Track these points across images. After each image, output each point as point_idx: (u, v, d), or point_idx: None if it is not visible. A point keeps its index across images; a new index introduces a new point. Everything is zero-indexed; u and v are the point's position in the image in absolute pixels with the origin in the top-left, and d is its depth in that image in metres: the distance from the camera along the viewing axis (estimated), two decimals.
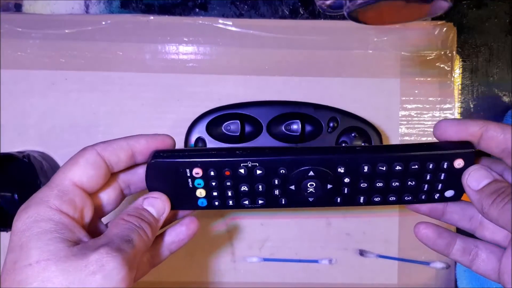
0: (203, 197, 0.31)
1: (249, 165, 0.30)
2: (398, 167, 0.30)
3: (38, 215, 0.26)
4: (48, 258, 0.24)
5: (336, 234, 0.47)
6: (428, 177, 0.30)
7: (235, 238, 0.47)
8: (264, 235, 0.47)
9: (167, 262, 0.34)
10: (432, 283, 0.47)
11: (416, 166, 0.30)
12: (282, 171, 0.30)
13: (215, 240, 0.47)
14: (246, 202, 0.31)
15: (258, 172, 0.30)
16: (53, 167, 0.43)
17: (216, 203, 0.31)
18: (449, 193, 0.31)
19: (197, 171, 0.30)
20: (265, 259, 0.47)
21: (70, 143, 0.45)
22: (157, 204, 0.30)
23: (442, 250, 0.32)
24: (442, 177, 0.30)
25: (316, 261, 0.47)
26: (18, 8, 0.46)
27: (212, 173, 0.30)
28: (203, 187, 0.30)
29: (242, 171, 0.30)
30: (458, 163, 0.29)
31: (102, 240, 0.26)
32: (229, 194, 0.31)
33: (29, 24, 0.45)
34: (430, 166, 0.30)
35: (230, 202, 0.31)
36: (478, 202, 0.29)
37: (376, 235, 0.47)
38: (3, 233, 0.45)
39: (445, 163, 0.29)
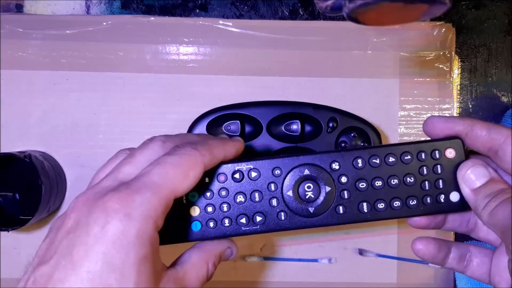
0: (197, 217, 0.31)
1: (244, 169, 0.30)
2: (391, 159, 0.30)
3: (143, 232, 0.23)
4: None
5: (336, 233, 0.47)
6: (425, 171, 0.30)
7: (235, 237, 0.47)
8: (264, 234, 0.47)
9: (167, 262, 0.34)
10: (431, 282, 0.47)
11: (409, 157, 0.30)
12: (277, 171, 0.31)
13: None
14: (243, 220, 0.31)
15: (254, 174, 0.30)
16: (54, 167, 0.43)
17: (211, 224, 0.31)
18: (454, 197, 0.31)
19: None
20: (265, 258, 0.47)
21: (71, 143, 0.46)
22: None
23: (439, 262, 0.31)
24: (439, 171, 0.30)
25: (315, 260, 0.47)
26: (19, 8, 0.46)
27: (206, 180, 0.30)
28: (197, 202, 0.30)
29: (237, 176, 0.30)
30: (449, 151, 0.30)
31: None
32: (225, 208, 0.31)
33: (30, 24, 0.45)
34: (423, 156, 0.30)
35: (226, 222, 0.31)
36: (474, 202, 0.28)
37: (375, 234, 0.47)
38: (3, 233, 0.45)
39: (437, 152, 0.30)
